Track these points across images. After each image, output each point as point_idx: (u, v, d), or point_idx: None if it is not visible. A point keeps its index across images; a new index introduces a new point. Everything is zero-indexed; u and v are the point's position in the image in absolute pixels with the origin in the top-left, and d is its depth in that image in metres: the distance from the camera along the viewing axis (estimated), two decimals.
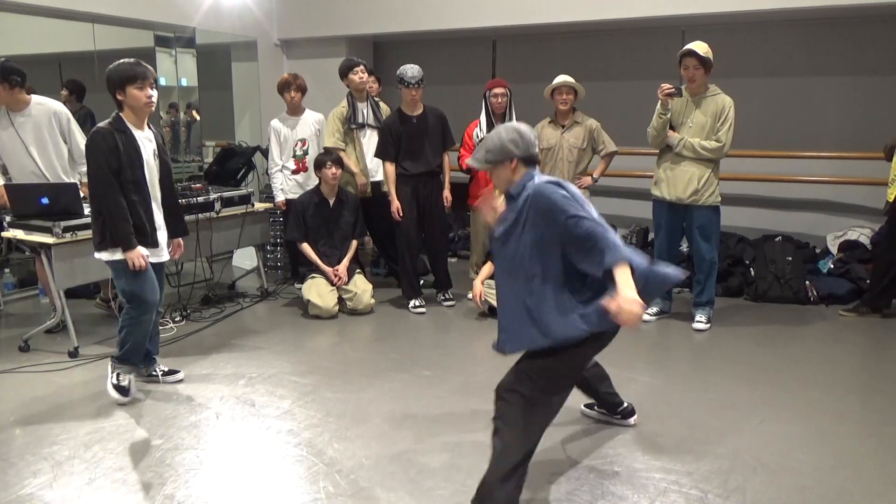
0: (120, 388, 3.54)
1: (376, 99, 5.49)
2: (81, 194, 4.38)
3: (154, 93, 3.35)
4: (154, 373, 3.79)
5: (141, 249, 3.37)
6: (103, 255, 3.39)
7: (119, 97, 3.31)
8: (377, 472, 2.85)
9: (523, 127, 2.53)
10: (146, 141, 3.42)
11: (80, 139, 4.64)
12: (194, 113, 6.75)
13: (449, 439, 3.14)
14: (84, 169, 4.72)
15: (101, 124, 3.32)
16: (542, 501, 2.64)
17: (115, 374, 3.56)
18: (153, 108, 3.38)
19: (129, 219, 3.32)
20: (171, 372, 3.84)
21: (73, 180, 4.59)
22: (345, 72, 5.35)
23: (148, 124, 3.47)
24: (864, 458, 2.95)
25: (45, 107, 4.50)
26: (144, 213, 3.41)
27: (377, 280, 5.83)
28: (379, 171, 5.32)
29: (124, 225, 3.31)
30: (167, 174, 3.62)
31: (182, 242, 3.81)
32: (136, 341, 3.55)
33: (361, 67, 5.30)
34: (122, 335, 3.54)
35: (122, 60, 3.34)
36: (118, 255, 3.36)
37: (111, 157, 3.25)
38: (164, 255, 3.62)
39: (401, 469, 2.88)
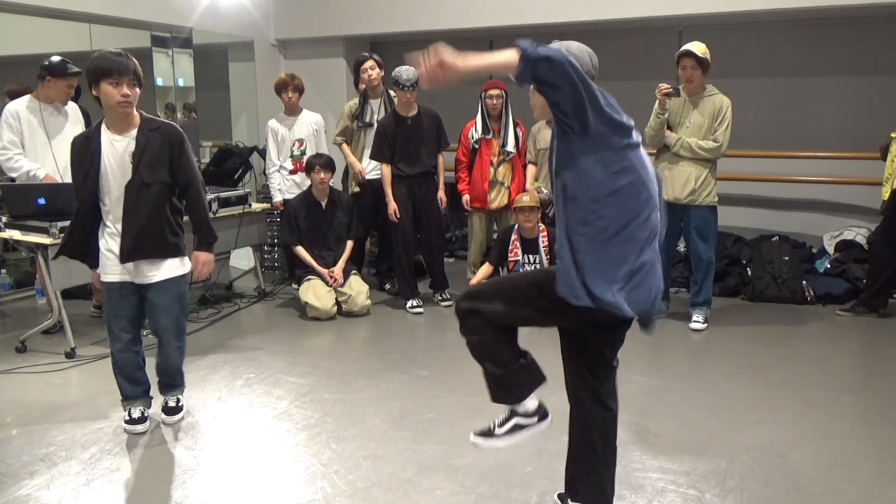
0: (129, 422, 3.24)
1: (393, 94, 5.45)
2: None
3: (131, 92, 2.90)
4: (163, 404, 3.39)
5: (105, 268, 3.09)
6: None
7: (94, 93, 2.92)
8: (375, 473, 2.85)
9: (578, 48, 2.16)
10: (118, 146, 2.98)
11: None
12: (181, 114, 6.72)
13: (446, 439, 3.14)
14: None
15: (83, 130, 3.11)
16: (541, 500, 2.64)
17: (126, 412, 3.29)
18: (129, 110, 2.96)
19: (72, 232, 3.10)
20: (176, 410, 3.38)
21: None
22: (356, 69, 5.35)
23: (145, 119, 3.04)
24: (861, 457, 2.95)
25: (73, 107, 4.62)
26: (116, 226, 3.05)
27: (374, 280, 5.82)
28: (377, 168, 5.32)
29: (64, 241, 3.13)
30: (160, 179, 3.05)
31: (199, 257, 3.24)
32: (121, 375, 3.25)
33: (371, 63, 5.24)
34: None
35: (103, 51, 2.92)
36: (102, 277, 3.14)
37: (75, 168, 3.03)
38: (160, 274, 3.12)
39: (398, 469, 2.88)
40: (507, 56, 1.79)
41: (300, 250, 5.13)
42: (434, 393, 3.64)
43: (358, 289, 5.06)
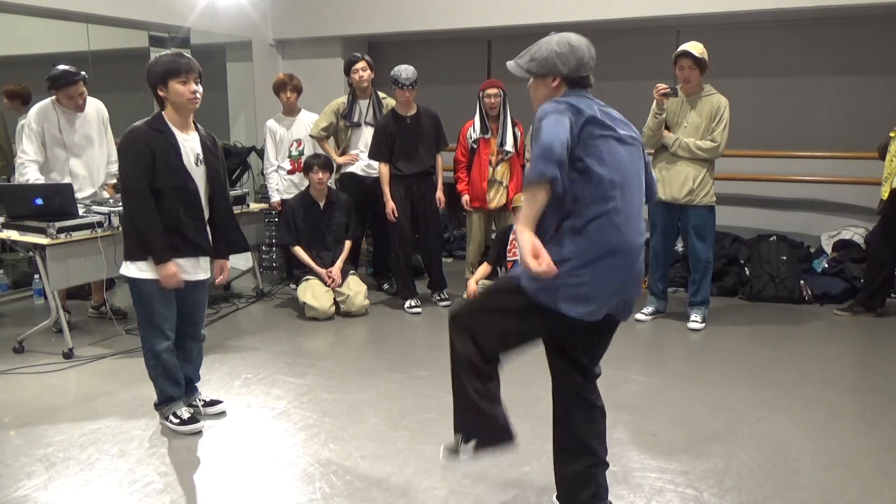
0: (185, 422, 3.22)
1: (382, 95, 5.45)
2: (77, 196, 4.37)
3: (199, 88, 3.01)
4: (194, 403, 3.40)
5: (176, 264, 3.03)
6: (128, 270, 3.04)
7: (161, 93, 2.99)
8: (373, 473, 2.85)
9: (577, 40, 2.18)
10: (188, 144, 3.07)
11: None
12: None
13: (445, 439, 3.13)
14: (114, 169, 4.73)
15: (134, 125, 2.99)
16: (538, 500, 2.64)
17: (168, 418, 3.25)
18: (198, 106, 3.04)
19: (159, 229, 2.98)
20: (213, 403, 3.44)
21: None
22: (346, 69, 5.33)
23: (196, 126, 3.15)
24: (859, 456, 2.96)
25: (93, 104, 4.60)
26: (186, 222, 3.05)
27: (372, 280, 5.81)
28: (370, 166, 5.31)
29: (154, 235, 2.97)
30: (215, 183, 3.18)
31: (226, 265, 3.34)
32: (166, 377, 3.21)
33: (362, 65, 5.21)
34: (150, 374, 3.22)
35: (163, 53, 3.05)
36: (140, 273, 3.02)
37: (145, 160, 2.93)
38: (204, 272, 3.22)
39: (397, 469, 2.88)
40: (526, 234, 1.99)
41: (298, 250, 5.13)
42: (432, 393, 3.64)
43: (356, 289, 5.06)
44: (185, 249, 3.09)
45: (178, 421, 3.24)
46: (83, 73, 4.41)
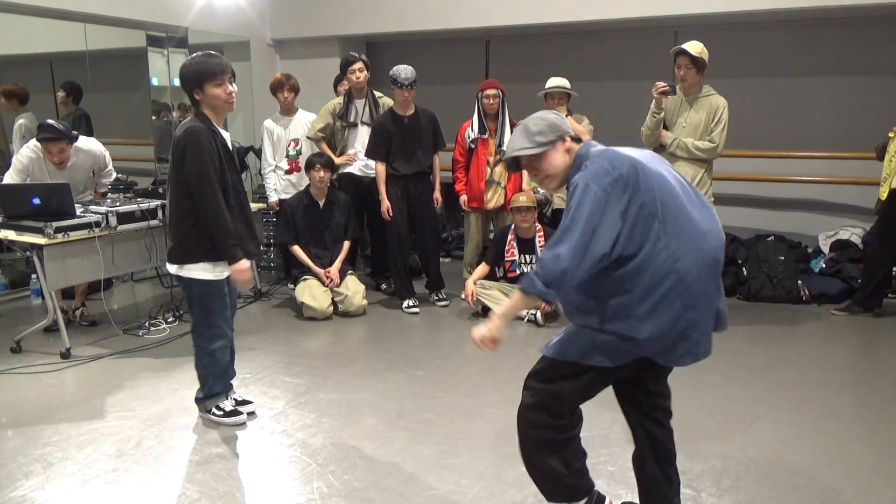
0: (230, 414, 3.27)
1: (378, 94, 5.45)
2: (74, 196, 4.36)
3: (234, 88, 3.01)
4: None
5: (242, 263, 3.03)
6: (190, 272, 3.04)
7: (197, 96, 2.97)
8: (371, 473, 2.85)
9: (542, 114, 2.19)
10: (228, 141, 3.13)
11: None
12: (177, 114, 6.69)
13: (443, 439, 3.14)
14: (105, 180, 4.70)
15: (192, 125, 2.96)
16: (537, 500, 2.64)
17: (211, 411, 3.28)
18: (234, 107, 3.07)
19: (233, 228, 2.99)
20: (245, 402, 3.42)
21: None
22: (343, 68, 5.32)
23: None
24: (856, 456, 2.96)
25: (89, 153, 4.50)
26: (244, 219, 3.10)
27: (370, 280, 5.81)
28: (367, 166, 5.31)
29: (230, 235, 2.98)
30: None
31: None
32: (216, 372, 3.26)
33: (360, 65, 5.20)
34: (200, 372, 3.25)
35: (195, 55, 3.00)
36: (204, 275, 3.04)
37: (214, 159, 2.95)
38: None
39: (395, 469, 2.88)
40: (518, 298, 2.05)
41: (297, 250, 5.12)
42: (431, 393, 3.65)
43: (354, 289, 5.05)
44: (246, 244, 3.10)
45: (221, 413, 3.27)
46: (72, 133, 4.32)
